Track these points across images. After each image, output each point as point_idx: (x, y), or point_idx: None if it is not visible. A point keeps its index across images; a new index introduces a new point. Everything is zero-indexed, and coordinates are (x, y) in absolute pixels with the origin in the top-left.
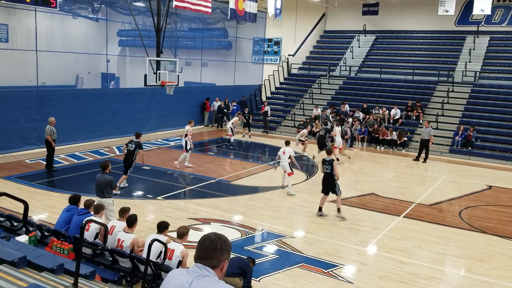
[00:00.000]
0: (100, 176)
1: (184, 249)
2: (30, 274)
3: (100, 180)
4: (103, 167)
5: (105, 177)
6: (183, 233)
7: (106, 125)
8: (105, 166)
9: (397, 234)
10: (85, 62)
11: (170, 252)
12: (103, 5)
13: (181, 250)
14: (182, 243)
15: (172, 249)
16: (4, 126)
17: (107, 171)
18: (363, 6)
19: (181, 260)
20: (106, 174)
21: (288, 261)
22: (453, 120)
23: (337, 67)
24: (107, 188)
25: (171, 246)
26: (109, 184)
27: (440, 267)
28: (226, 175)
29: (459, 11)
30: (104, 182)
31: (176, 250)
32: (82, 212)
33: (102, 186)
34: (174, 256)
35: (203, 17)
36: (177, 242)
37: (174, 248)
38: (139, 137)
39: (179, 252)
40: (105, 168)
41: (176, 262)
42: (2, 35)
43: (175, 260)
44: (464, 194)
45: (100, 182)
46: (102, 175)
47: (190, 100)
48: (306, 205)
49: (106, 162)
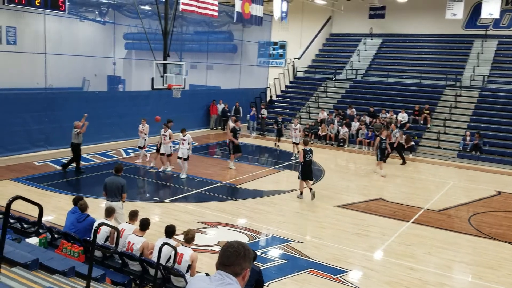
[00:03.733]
0: (113, 179)
1: (193, 253)
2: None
3: (113, 183)
4: (116, 170)
5: (118, 180)
6: (191, 238)
7: (113, 127)
8: (119, 169)
9: (406, 240)
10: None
11: (179, 257)
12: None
13: (190, 254)
14: (190, 247)
15: (181, 253)
16: (13, 128)
17: (120, 174)
18: (370, 10)
19: (190, 264)
20: (119, 177)
21: (296, 266)
22: (461, 125)
23: (343, 71)
24: (119, 192)
25: (180, 251)
26: (121, 187)
27: (449, 273)
28: (232, 179)
29: (467, 15)
30: (116, 185)
31: (185, 255)
32: (81, 218)
33: (114, 189)
34: (183, 260)
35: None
36: (185, 246)
37: (183, 253)
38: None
39: (188, 257)
40: (119, 171)
41: (185, 267)
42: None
43: (184, 265)
44: (473, 200)
45: (113, 185)
46: (114, 177)
47: (196, 103)
48: (313, 210)
49: (120, 165)
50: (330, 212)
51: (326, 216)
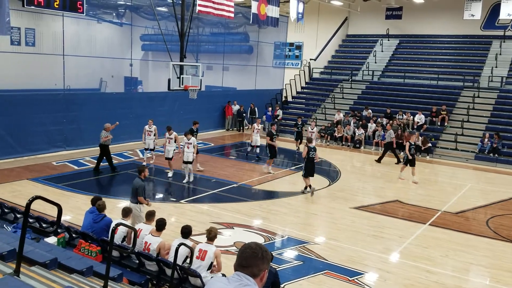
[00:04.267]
0: (135, 180)
1: (216, 249)
2: (61, 275)
3: (133, 184)
4: (138, 171)
5: (136, 181)
6: (214, 236)
7: (130, 128)
8: (140, 170)
9: (423, 242)
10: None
11: (203, 253)
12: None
13: (214, 251)
14: (213, 244)
15: (205, 250)
16: (32, 128)
17: (141, 175)
18: (387, 10)
19: (212, 262)
20: (139, 179)
21: (313, 268)
22: (479, 126)
23: (360, 72)
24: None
25: (203, 247)
26: (137, 189)
27: (467, 276)
28: (248, 180)
29: (485, 16)
30: (134, 187)
31: (209, 251)
32: (98, 218)
33: (133, 190)
34: (207, 257)
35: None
36: (208, 243)
37: (206, 249)
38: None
39: (212, 253)
40: (140, 173)
41: (208, 264)
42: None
43: (207, 261)
44: (491, 202)
45: (133, 186)
46: (137, 179)
47: (212, 104)
48: (329, 211)
49: (142, 167)
50: (346, 214)
51: (342, 217)
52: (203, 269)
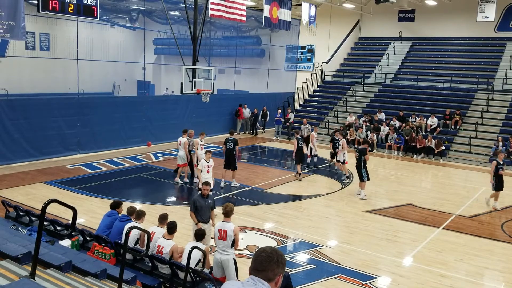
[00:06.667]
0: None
1: (235, 226)
2: (75, 278)
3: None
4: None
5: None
6: (230, 210)
7: (142, 132)
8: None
9: (436, 246)
10: (122, 70)
11: (223, 233)
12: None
13: (233, 229)
14: (231, 221)
15: (224, 229)
16: (46, 132)
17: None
18: (399, 13)
19: (234, 239)
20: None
21: (325, 272)
22: (493, 129)
23: (372, 74)
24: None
25: (221, 227)
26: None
27: (481, 281)
28: (260, 183)
29: (499, 17)
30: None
31: (228, 230)
32: (124, 218)
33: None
34: (227, 236)
35: (237, 25)
36: (225, 221)
37: (225, 229)
38: (233, 134)
39: (231, 231)
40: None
41: (230, 242)
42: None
43: (229, 240)
44: (506, 206)
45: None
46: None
47: (223, 107)
48: (342, 215)
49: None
50: (359, 217)
51: (355, 221)
52: (227, 248)
